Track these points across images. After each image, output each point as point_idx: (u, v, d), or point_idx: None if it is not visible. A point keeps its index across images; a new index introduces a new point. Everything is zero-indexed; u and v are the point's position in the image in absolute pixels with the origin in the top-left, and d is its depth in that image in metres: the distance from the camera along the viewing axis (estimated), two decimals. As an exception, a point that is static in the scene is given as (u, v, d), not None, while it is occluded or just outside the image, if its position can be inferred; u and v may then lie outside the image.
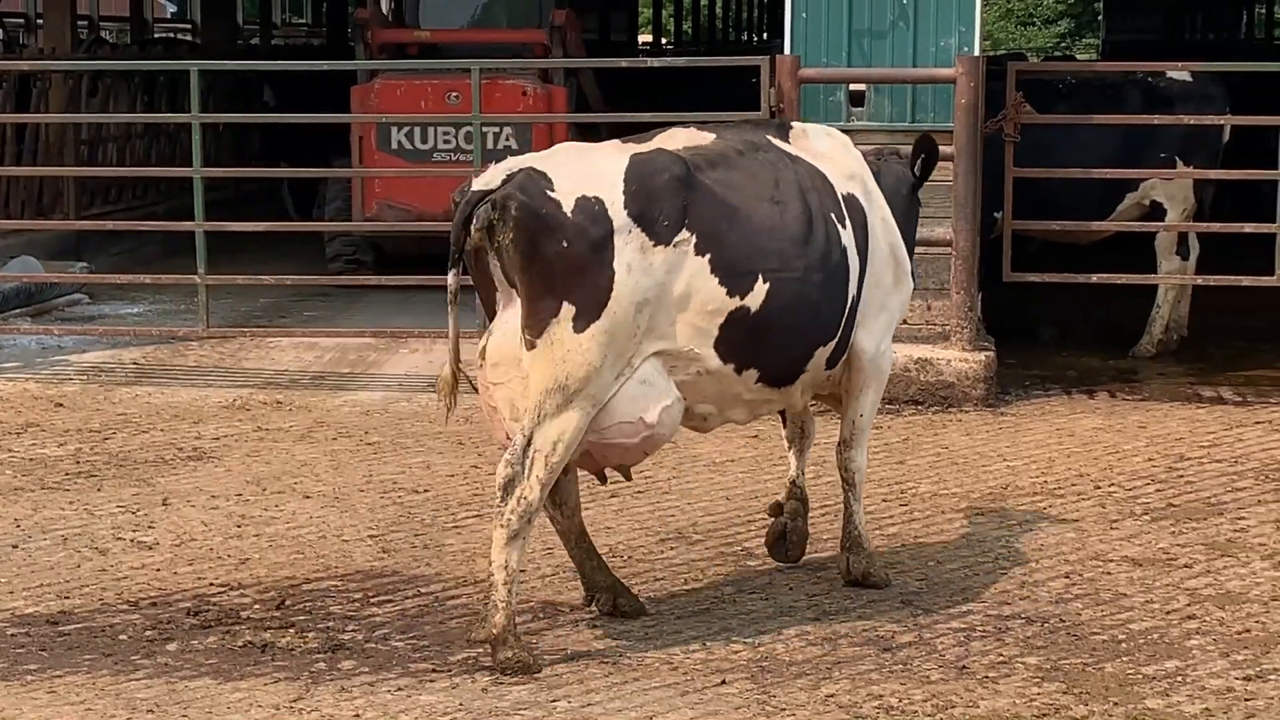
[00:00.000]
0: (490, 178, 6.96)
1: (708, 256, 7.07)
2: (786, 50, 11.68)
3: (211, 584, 7.86)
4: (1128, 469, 9.84)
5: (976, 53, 11.56)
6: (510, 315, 6.97)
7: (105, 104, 19.03)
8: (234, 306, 14.67)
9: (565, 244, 6.83)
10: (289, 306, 14.99)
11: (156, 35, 29.02)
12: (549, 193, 6.89)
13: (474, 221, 6.85)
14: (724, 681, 6.71)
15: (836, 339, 7.54)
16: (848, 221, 7.52)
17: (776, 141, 7.64)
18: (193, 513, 8.99)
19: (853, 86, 11.77)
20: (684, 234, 7.03)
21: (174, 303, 14.96)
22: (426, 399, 11.56)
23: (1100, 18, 48.73)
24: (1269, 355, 13.12)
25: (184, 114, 13.93)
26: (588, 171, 7.03)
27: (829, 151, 7.76)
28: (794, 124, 7.96)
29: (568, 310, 6.84)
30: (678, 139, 7.45)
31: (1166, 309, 13.13)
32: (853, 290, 7.54)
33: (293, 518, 8.91)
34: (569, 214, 6.87)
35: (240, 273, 13.79)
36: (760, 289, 7.21)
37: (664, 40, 39.23)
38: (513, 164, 7.04)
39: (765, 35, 41.83)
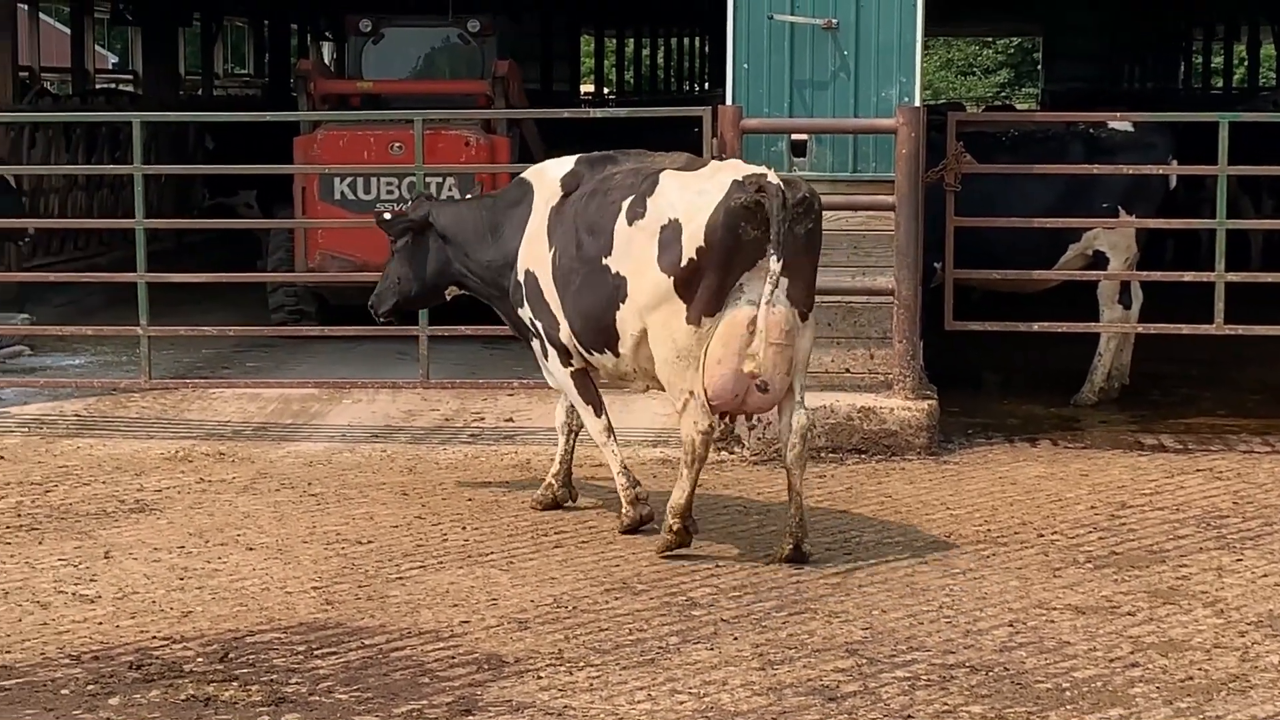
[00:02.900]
0: (761, 177, 8.60)
1: None
2: (729, 100, 11.73)
3: (154, 637, 7.80)
4: (1070, 517, 9.88)
5: (917, 103, 11.63)
6: (763, 293, 8.46)
7: (47, 155, 18.98)
8: (176, 358, 14.61)
9: (820, 237, 8.84)
10: (232, 357, 14.93)
11: (99, 86, 28.94)
12: None
13: (789, 213, 8.49)
14: (670, 732, 6.70)
15: None
16: None
17: None
18: (135, 565, 8.94)
19: (794, 136, 11.84)
20: None
21: (116, 354, 14.88)
22: (369, 449, 11.53)
23: (1039, 67, 49.15)
24: (1209, 403, 13.20)
25: (126, 165, 13.89)
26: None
27: None
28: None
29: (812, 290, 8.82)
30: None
31: (1108, 357, 13.18)
32: None
33: (236, 570, 8.86)
34: None
35: (183, 324, 13.73)
36: None
37: (606, 90, 39.40)
38: (739, 166, 8.92)
39: (706, 85, 42.02)
